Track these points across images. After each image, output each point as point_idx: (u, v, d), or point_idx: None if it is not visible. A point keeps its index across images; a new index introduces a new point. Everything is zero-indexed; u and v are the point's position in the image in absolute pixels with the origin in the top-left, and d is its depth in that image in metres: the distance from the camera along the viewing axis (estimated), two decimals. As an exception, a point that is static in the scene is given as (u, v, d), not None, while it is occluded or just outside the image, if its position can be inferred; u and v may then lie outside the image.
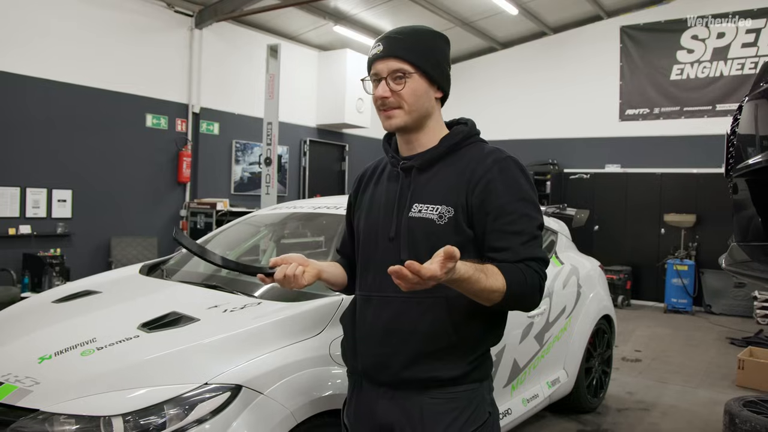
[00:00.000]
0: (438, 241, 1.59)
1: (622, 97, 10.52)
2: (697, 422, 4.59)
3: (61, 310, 2.80)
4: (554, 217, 4.96)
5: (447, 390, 1.72)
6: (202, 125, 9.20)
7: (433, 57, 1.76)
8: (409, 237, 1.73)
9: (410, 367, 1.71)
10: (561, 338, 4.05)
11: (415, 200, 1.75)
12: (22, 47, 7.05)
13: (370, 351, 1.79)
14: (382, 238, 1.79)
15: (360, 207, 1.94)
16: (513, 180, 1.72)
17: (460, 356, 1.72)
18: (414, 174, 1.79)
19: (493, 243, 1.68)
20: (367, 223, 1.87)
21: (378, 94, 1.75)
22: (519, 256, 1.64)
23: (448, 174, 1.75)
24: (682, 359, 6.43)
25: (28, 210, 7.21)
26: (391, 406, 1.76)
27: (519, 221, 1.67)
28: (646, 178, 10.00)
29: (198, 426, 2.00)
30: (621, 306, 9.27)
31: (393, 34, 1.77)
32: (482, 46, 11.70)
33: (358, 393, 1.87)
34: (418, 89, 1.74)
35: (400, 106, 1.74)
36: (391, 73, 1.73)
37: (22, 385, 2.08)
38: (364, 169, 2.03)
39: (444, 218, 1.70)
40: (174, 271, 3.35)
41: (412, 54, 1.73)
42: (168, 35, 8.69)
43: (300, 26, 10.10)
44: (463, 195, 1.71)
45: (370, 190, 1.92)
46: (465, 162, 1.76)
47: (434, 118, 1.82)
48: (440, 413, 1.71)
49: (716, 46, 9.70)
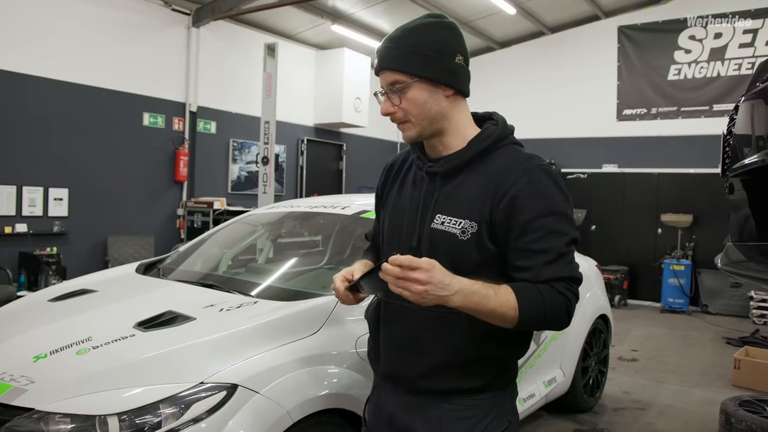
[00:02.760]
0: (459, 257, 1.58)
1: (619, 97, 10.53)
2: (693, 422, 4.60)
3: (56, 308, 2.79)
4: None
5: (467, 398, 1.67)
6: (200, 124, 9.18)
7: (432, 56, 1.61)
8: (431, 249, 1.63)
9: (429, 378, 1.67)
10: (558, 338, 4.05)
11: (438, 210, 1.65)
12: (19, 45, 7.03)
13: (390, 357, 1.76)
14: (405, 245, 1.70)
15: (386, 204, 1.86)
16: (542, 193, 1.58)
17: (482, 369, 1.66)
18: (438, 181, 1.68)
19: (515, 261, 1.58)
20: (392, 225, 1.79)
21: (382, 111, 1.68)
22: (540, 276, 1.54)
23: (473, 184, 1.63)
24: (678, 359, 6.44)
25: (24, 208, 7.18)
26: (409, 411, 1.72)
27: (545, 238, 1.55)
28: (643, 178, 10.02)
29: (194, 425, 1.99)
30: (618, 306, 9.28)
31: (385, 43, 1.66)
32: (480, 46, 11.70)
33: (379, 392, 1.86)
34: (419, 97, 1.62)
35: (407, 119, 1.66)
36: (389, 87, 1.65)
37: (17, 384, 2.08)
38: (392, 160, 1.92)
39: (467, 233, 1.60)
40: (170, 270, 3.35)
41: (403, 62, 1.61)
42: (165, 34, 8.67)
43: (297, 25, 10.09)
44: (487, 209, 1.59)
45: (396, 188, 1.83)
46: (492, 171, 1.63)
47: (454, 118, 1.68)
48: (459, 419, 1.66)
49: (713, 47, 9.72)
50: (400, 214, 1.76)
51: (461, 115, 1.70)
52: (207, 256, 3.59)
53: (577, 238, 1.62)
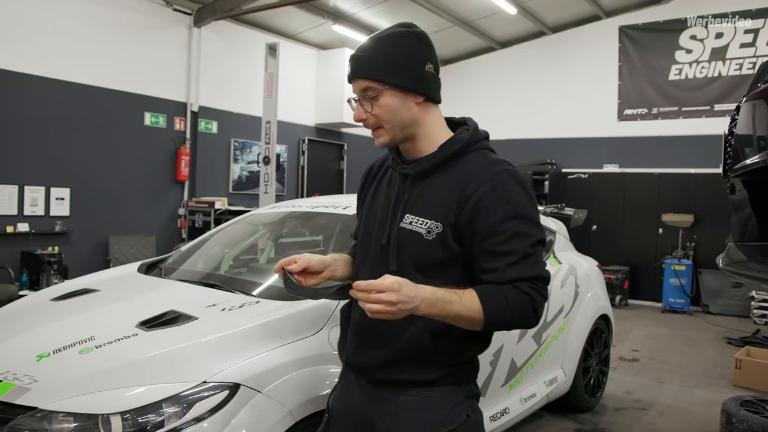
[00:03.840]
0: (424, 256, 1.67)
1: (620, 97, 10.53)
2: (694, 422, 4.60)
3: (59, 308, 2.80)
4: (552, 217, 4.97)
5: (425, 389, 1.72)
6: (201, 124, 9.19)
7: (403, 64, 1.66)
8: (398, 247, 1.71)
9: (385, 369, 1.74)
10: (559, 338, 4.06)
11: (407, 210, 1.72)
12: (20, 45, 7.04)
13: (354, 347, 1.83)
14: (375, 243, 1.78)
15: (364, 203, 1.93)
16: (507, 196, 1.63)
17: (438, 363, 1.72)
18: (410, 182, 1.75)
19: (481, 264, 1.63)
20: (366, 224, 1.87)
21: (355, 117, 1.74)
22: (504, 277, 1.59)
23: (441, 186, 1.69)
24: (679, 359, 6.44)
25: (26, 208, 7.20)
26: (369, 400, 1.79)
27: (510, 241, 1.60)
28: (644, 178, 10.02)
29: (196, 424, 2.00)
30: (618, 306, 9.29)
31: (357, 52, 1.72)
32: (481, 46, 11.71)
33: (345, 381, 1.91)
34: (391, 104, 1.68)
35: (380, 125, 1.71)
36: (361, 94, 1.71)
37: (21, 383, 2.08)
38: (371, 164, 1.99)
39: (432, 234, 1.66)
40: (172, 270, 3.35)
41: (376, 70, 1.66)
42: (166, 33, 8.68)
43: (299, 25, 10.09)
44: (453, 211, 1.65)
45: (373, 189, 1.90)
46: (460, 174, 1.68)
47: (425, 124, 1.73)
48: (415, 410, 1.71)
49: (715, 46, 9.71)
50: (374, 213, 1.83)
51: (433, 120, 1.75)
52: (209, 256, 3.60)
53: (543, 239, 1.68)
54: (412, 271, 1.61)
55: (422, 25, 1.78)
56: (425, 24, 10.28)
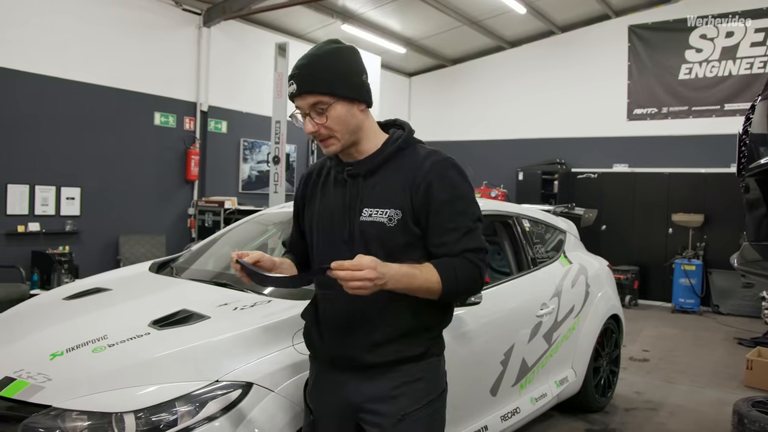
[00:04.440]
0: (389, 241, 1.83)
1: (630, 97, 10.49)
2: (705, 422, 4.58)
3: (72, 307, 2.81)
4: (563, 217, 4.95)
5: (411, 365, 1.88)
6: (210, 123, 9.22)
7: (345, 77, 1.82)
8: (363, 239, 1.85)
9: (375, 352, 1.86)
10: (569, 337, 4.05)
11: (365, 205, 1.87)
12: (30, 45, 7.08)
13: (337, 343, 1.91)
14: (337, 241, 1.90)
15: (310, 209, 2.03)
16: (449, 180, 1.85)
17: (420, 337, 1.89)
18: (360, 180, 1.89)
19: (433, 239, 1.84)
20: (321, 226, 1.97)
21: (307, 130, 1.84)
22: (455, 250, 1.81)
23: (392, 178, 1.87)
24: (689, 359, 6.41)
25: (37, 207, 7.24)
26: (359, 386, 1.89)
27: (455, 218, 1.83)
28: (654, 177, 9.97)
29: (209, 423, 2.00)
30: (628, 306, 9.24)
31: (301, 70, 1.80)
32: (490, 45, 11.69)
33: (323, 377, 1.99)
34: (342, 114, 1.81)
35: (332, 135, 1.84)
36: (312, 108, 1.81)
37: (35, 382, 2.09)
38: (308, 171, 2.13)
39: (393, 221, 1.83)
40: (183, 269, 3.36)
41: (324, 84, 1.79)
42: (176, 33, 8.71)
43: (308, 25, 10.10)
44: (408, 198, 1.83)
45: (319, 194, 2.01)
46: (408, 165, 1.87)
47: (366, 128, 1.90)
48: (405, 384, 1.87)
49: (725, 46, 9.66)
50: (327, 215, 1.95)
51: (371, 124, 1.93)
52: (219, 255, 3.60)
53: (481, 217, 1.91)
54: (381, 258, 1.70)
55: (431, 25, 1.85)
56: (434, 23, 10.29)
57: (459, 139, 11.82)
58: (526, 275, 3.78)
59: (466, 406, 2.99)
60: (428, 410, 1.89)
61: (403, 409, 1.85)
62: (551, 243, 4.39)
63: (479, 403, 3.17)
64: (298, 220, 2.12)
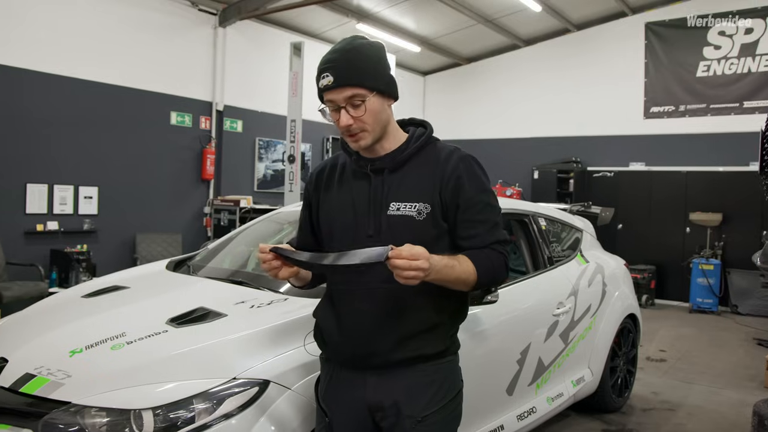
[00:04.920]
0: (419, 235, 1.80)
1: (646, 95, 10.40)
2: (724, 423, 4.53)
3: (90, 304, 2.84)
4: (579, 215, 4.92)
5: (431, 363, 1.89)
6: (226, 123, 9.27)
7: (381, 71, 1.83)
8: (390, 233, 1.83)
9: (399, 349, 1.85)
10: (586, 337, 4.02)
11: (392, 199, 1.86)
12: (48, 46, 7.15)
13: (359, 341, 1.87)
14: (361, 236, 1.87)
15: (326, 205, 2.00)
16: (476, 175, 1.90)
17: (441, 334, 1.91)
18: (386, 174, 1.89)
19: (463, 232, 1.87)
20: (341, 221, 1.94)
21: (343, 123, 1.81)
22: (486, 241, 1.86)
23: (418, 173, 1.88)
24: (708, 360, 6.34)
25: (55, 207, 7.32)
26: (378, 385, 1.87)
27: (483, 211, 1.88)
28: (671, 176, 9.87)
29: (226, 420, 2.02)
30: (645, 305, 9.16)
31: (337, 63, 1.78)
32: (505, 44, 11.64)
33: (338, 378, 1.95)
34: (376, 108, 1.82)
35: (364, 129, 1.82)
36: (348, 101, 1.79)
37: (55, 378, 2.12)
38: (320, 167, 2.08)
39: (422, 214, 1.84)
40: (200, 267, 3.38)
41: (364, 77, 1.78)
42: (192, 33, 8.77)
43: (323, 24, 10.12)
44: (437, 192, 1.86)
45: (334, 191, 1.99)
46: (432, 162, 1.90)
47: (391, 124, 1.92)
48: (425, 384, 1.87)
49: (744, 42, 9.54)
50: (348, 210, 1.92)
51: (393, 121, 1.95)
52: (235, 254, 3.62)
53: (501, 209, 1.97)
54: None
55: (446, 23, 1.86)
56: (449, 22, 10.27)
57: (474, 138, 11.78)
58: (543, 274, 3.76)
59: (482, 405, 2.98)
60: (448, 409, 1.90)
61: (423, 409, 1.85)
62: (567, 242, 4.37)
63: (495, 403, 3.16)
64: (310, 217, 2.08)
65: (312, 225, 2.08)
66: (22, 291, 6.35)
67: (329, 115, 1.84)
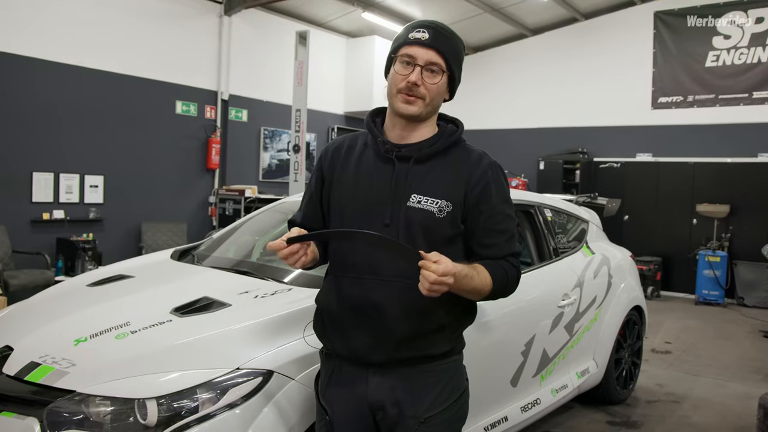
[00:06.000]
0: (434, 233, 1.79)
1: (654, 85, 10.31)
2: (729, 416, 4.52)
3: (95, 293, 2.84)
4: (585, 206, 4.90)
5: (436, 363, 1.85)
6: (231, 112, 9.25)
7: (460, 64, 1.88)
8: (407, 225, 1.79)
9: (405, 347, 1.80)
10: (591, 328, 4.01)
11: (414, 191, 1.81)
12: (53, 35, 7.14)
13: (364, 333, 1.81)
14: (375, 223, 1.78)
15: (340, 184, 1.90)
16: (502, 185, 1.89)
17: (448, 334, 1.86)
18: (411, 164, 1.83)
19: (482, 240, 1.84)
20: (355, 204, 1.85)
21: (412, 79, 1.77)
22: (502, 252, 1.84)
23: (445, 170, 1.84)
24: (713, 352, 6.33)
25: (61, 195, 7.34)
26: (381, 384, 1.83)
27: (504, 221, 1.86)
28: (679, 167, 9.81)
29: (230, 410, 2.02)
30: (650, 297, 9.14)
31: (439, 28, 1.81)
32: (512, 33, 11.56)
33: (339, 374, 1.89)
34: (442, 87, 1.83)
35: (423, 97, 1.79)
36: (428, 64, 1.79)
37: (59, 367, 2.12)
38: (337, 144, 1.99)
39: (443, 212, 1.79)
40: (204, 257, 3.38)
41: (451, 54, 1.82)
42: (197, 22, 8.74)
43: (328, 13, 10.08)
44: (462, 193, 1.82)
45: (352, 169, 1.90)
46: (460, 162, 1.86)
47: (436, 114, 1.91)
48: (429, 385, 1.84)
49: (754, 32, 9.44)
50: (365, 193, 1.85)
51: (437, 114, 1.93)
52: (240, 244, 3.62)
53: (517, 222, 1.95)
54: (423, 248, 1.64)
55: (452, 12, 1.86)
56: (455, 11, 10.19)
57: (479, 128, 11.71)
58: (548, 265, 3.74)
59: (486, 396, 2.98)
60: (452, 410, 1.87)
61: (427, 410, 1.81)
62: (573, 233, 4.35)
63: (499, 394, 3.15)
64: (321, 194, 1.96)
65: (321, 202, 1.97)
66: (29, 279, 6.38)
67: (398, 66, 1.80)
